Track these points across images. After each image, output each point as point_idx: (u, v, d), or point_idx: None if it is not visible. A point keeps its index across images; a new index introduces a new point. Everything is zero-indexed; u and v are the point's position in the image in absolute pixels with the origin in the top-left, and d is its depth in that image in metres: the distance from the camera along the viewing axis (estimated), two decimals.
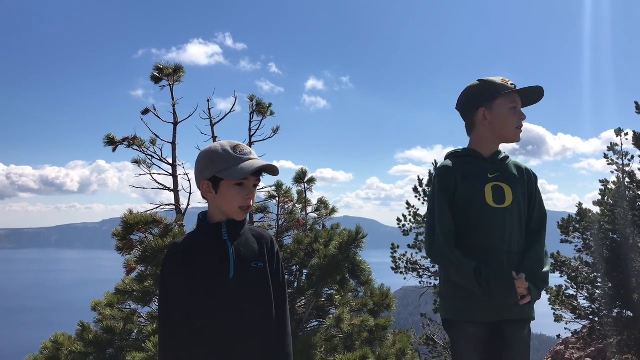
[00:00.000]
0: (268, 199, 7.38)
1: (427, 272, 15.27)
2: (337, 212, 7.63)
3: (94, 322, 6.25)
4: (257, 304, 2.20)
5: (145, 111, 7.15)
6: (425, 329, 14.11)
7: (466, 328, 2.68)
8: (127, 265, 5.99)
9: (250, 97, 7.84)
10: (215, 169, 2.14)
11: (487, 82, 2.79)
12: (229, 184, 2.15)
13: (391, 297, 6.62)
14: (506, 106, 2.75)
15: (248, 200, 2.18)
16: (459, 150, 2.90)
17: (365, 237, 6.29)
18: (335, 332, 5.94)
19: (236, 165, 2.11)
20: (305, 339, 5.60)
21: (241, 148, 2.17)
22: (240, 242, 2.23)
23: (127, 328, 6.11)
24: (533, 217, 2.80)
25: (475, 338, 2.67)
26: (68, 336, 6.12)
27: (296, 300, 6.45)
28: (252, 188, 2.20)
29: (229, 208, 2.19)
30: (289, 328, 2.32)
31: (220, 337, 2.12)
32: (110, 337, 5.97)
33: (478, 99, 2.81)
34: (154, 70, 7.22)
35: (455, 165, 2.78)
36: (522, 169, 2.85)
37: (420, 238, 15.42)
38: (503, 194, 2.71)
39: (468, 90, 2.87)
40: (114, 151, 6.94)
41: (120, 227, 5.83)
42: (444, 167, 2.79)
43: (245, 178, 2.14)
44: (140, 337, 5.98)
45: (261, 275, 2.23)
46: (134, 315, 6.32)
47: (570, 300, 12.11)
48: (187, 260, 2.14)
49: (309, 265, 6.38)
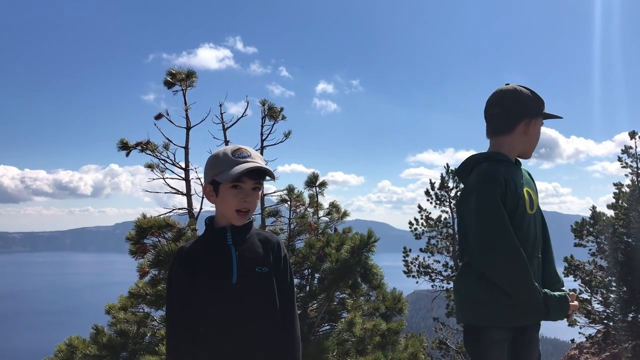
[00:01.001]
0: (280, 203, 7.40)
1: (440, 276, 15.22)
2: (349, 215, 7.63)
3: (107, 326, 6.29)
4: (260, 308, 2.19)
5: (158, 116, 7.20)
6: (437, 332, 14.04)
7: (499, 333, 2.63)
8: (141, 268, 6.03)
9: (262, 102, 7.88)
10: (214, 173, 2.17)
11: (536, 94, 2.76)
12: (226, 186, 2.16)
13: (403, 301, 6.61)
14: (540, 126, 2.78)
15: (245, 203, 2.17)
16: (496, 154, 2.77)
17: (377, 241, 6.27)
18: (347, 336, 5.94)
19: (231, 167, 2.12)
20: (317, 343, 5.60)
21: (241, 151, 2.17)
22: (245, 246, 2.23)
23: (140, 331, 6.14)
24: (543, 222, 2.83)
25: (505, 343, 2.65)
26: (82, 339, 6.16)
27: (308, 304, 6.45)
28: (251, 191, 2.18)
29: (226, 211, 2.20)
30: (298, 332, 2.30)
31: (223, 342, 2.13)
32: (123, 340, 6.01)
33: (527, 109, 2.75)
34: (167, 76, 7.27)
35: (501, 169, 2.68)
36: (530, 174, 2.87)
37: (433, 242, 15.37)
38: (532, 200, 2.70)
39: (519, 95, 2.76)
40: (127, 156, 6.99)
41: (134, 231, 5.87)
42: (494, 172, 2.65)
43: (241, 180, 2.14)
44: (153, 340, 6.01)
45: (265, 280, 2.22)
46: (147, 318, 6.36)
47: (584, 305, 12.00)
48: (192, 265, 2.16)
49: (320, 269, 6.38)
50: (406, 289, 8.10)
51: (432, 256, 15.46)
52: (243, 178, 2.15)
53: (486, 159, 2.73)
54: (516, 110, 2.74)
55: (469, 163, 2.81)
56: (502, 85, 2.84)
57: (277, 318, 2.23)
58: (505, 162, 2.72)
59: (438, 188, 15.47)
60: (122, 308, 6.35)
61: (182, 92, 7.33)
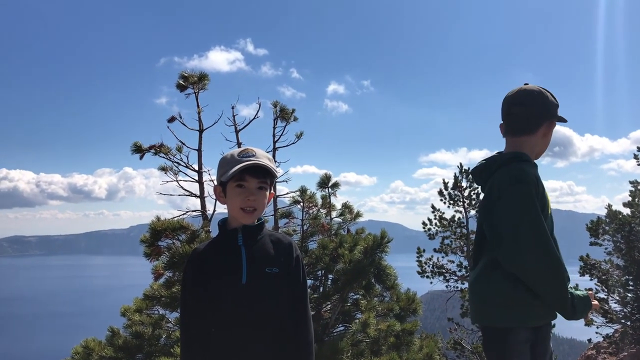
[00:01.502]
0: (292, 204, 7.41)
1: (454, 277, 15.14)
2: (362, 216, 7.62)
3: (123, 328, 6.33)
4: (269, 309, 2.20)
5: (171, 119, 7.25)
6: (452, 333, 13.97)
7: (525, 334, 2.61)
8: (155, 271, 6.06)
9: (274, 104, 7.90)
10: (221, 174, 2.22)
11: (554, 97, 2.78)
12: (231, 186, 2.20)
13: (417, 301, 6.59)
14: (551, 128, 2.79)
15: (249, 201, 2.19)
16: (522, 154, 2.74)
17: (390, 241, 6.26)
18: (361, 337, 5.92)
19: (233, 167, 2.15)
20: (331, 344, 5.60)
21: (246, 151, 2.21)
22: (256, 247, 2.25)
23: (155, 333, 6.18)
24: None
25: (529, 343, 2.64)
26: (98, 341, 6.21)
27: (322, 305, 6.45)
28: (256, 190, 2.21)
29: (232, 210, 2.24)
30: (311, 333, 2.30)
31: (234, 342, 2.15)
32: (139, 342, 6.05)
33: (550, 111, 2.75)
34: (180, 79, 7.31)
35: (530, 169, 2.66)
36: None
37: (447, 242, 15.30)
38: (549, 201, 2.70)
39: (544, 96, 2.75)
40: (141, 159, 7.04)
41: (148, 234, 5.91)
42: (528, 172, 2.62)
43: (244, 179, 2.18)
44: (168, 342, 6.05)
45: (275, 280, 2.23)
46: (162, 320, 6.39)
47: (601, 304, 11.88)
48: (204, 266, 2.20)
49: (334, 270, 6.37)
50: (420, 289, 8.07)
51: (446, 256, 15.38)
52: (246, 177, 2.18)
53: (514, 159, 2.69)
54: (540, 112, 2.73)
55: (492, 162, 2.77)
56: (522, 85, 2.81)
57: (287, 318, 2.23)
58: (530, 162, 2.71)
59: (451, 188, 15.39)
60: (137, 310, 6.39)
61: (194, 95, 7.38)
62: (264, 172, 2.20)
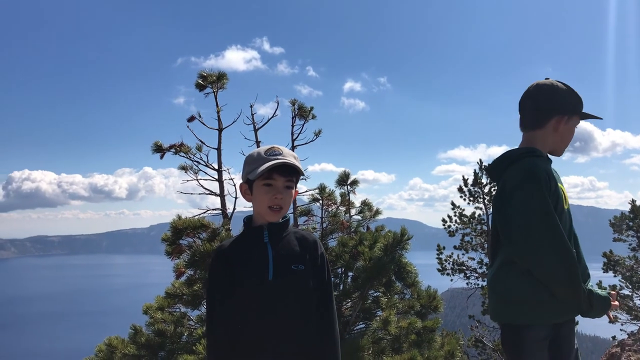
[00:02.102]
0: (312, 202, 7.41)
1: (475, 274, 15.03)
2: (381, 213, 7.59)
3: (145, 326, 6.40)
4: (296, 306, 2.20)
5: (190, 118, 7.29)
6: (473, 330, 13.88)
7: (541, 331, 2.60)
8: (177, 269, 6.11)
9: (292, 102, 7.90)
10: (247, 171, 2.23)
11: (574, 93, 2.74)
12: (258, 184, 2.21)
13: (438, 298, 6.55)
14: (575, 126, 2.77)
15: (276, 200, 2.20)
16: (534, 150, 2.73)
17: (410, 239, 6.23)
18: (382, 334, 5.91)
19: (261, 165, 2.16)
20: (352, 342, 5.60)
21: (273, 150, 2.21)
22: (282, 244, 2.26)
23: (177, 331, 6.23)
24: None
25: (546, 341, 2.63)
26: (121, 339, 6.28)
27: (342, 302, 6.45)
28: (283, 189, 2.22)
29: (259, 208, 2.24)
30: (337, 331, 2.31)
31: (261, 339, 2.16)
32: (161, 340, 6.11)
33: (560, 105, 2.72)
34: (198, 78, 7.35)
35: (542, 165, 2.65)
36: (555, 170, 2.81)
37: (467, 239, 15.20)
38: (565, 196, 2.68)
39: (555, 90, 2.73)
40: (161, 158, 7.10)
41: (169, 232, 5.96)
42: (540, 168, 2.62)
43: (272, 178, 2.18)
44: (190, 339, 6.09)
45: (301, 277, 2.24)
46: (184, 318, 6.44)
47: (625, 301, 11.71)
48: (229, 263, 2.21)
49: (354, 268, 6.37)
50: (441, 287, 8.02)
51: (466, 253, 15.28)
52: (274, 175, 2.19)
53: (527, 154, 2.69)
54: (548, 106, 2.71)
55: (505, 158, 2.76)
56: (541, 80, 2.79)
57: (313, 315, 2.24)
58: (543, 157, 2.71)
59: (471, 184, 15.28)
60: (159, 308, 6.45)
61: (213, 94, 7.41)
62: (292, 170, 2.21)
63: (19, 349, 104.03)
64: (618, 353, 12.90)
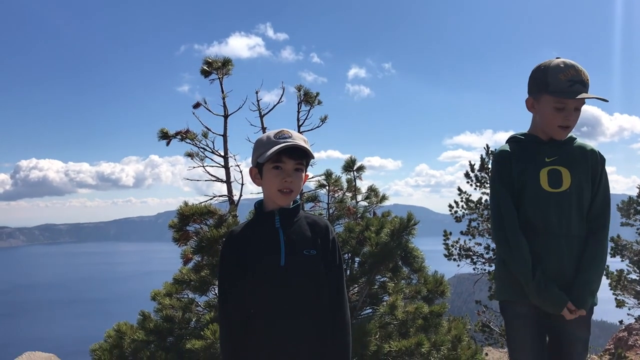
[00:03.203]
0: (318, 188, 7.41)
1: (481, 259, 15.03)
2: (387, 199, 7.59)
3: (154, 312, 6.44)
4: (308, 291, 2.21)
5: (196, 105, 7.29)
6: (480, 315, 13.91)
7: (522, 308, 2.68)
8: (184, 255, 6.14)
9: (298, 87, 7.87)
10: (257, 155, 2.23)
11: (542, 70, 2.68)
12: (268, 167, 2.21)
13: (445, 283, 6.56)
14: (550, 105, 2.66)
15: (286, 183, 2.20)
16: (518, 135, 2.84)
17: (417, 224, 6.22)
18: (389, 319, 5.94)
19: (270, 148, 2.16)
20: (359, 327, 5.62)
21: (282, 133, 2.21)
22: (293, 229, 2.26)
23: (185, 317, 6.27)
24: (595, 201, 2.69)
25: (529, 319, 2.65)
26: (130, 325, 6.33)
27: (349, 288, 6.47)
28: (292, 172, 2.21)
29: (269, 192, 2.25)
30: (348, 315, 2.32)
31: (272, 323, 2.17)
32: (169, 325, 6.15)
33: (531, 86, 2.76)
34: (204, 64, 7.33)
35: (511, 149, 2.75)
36: (587, 151, 2.73)
37: (474, 224, 15.18)
38: (560, 178, 2.65)
39: (535, 70, 2.75)
40: (167, 145, 7.11)
41: (177, 219, 5.98)
42: (500, 152, 2.77)
43: (281, 161, 2.18)
44: (198, 325, 6.13)
45: (313, 262, 2.24)
46: (192, 304, 6.48)
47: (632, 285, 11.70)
48: (241, 249, 2.22)
49: (360, 253, 6.38)
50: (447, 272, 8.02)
51: (473, 239, 15.26)
52: (283, 158, 2.18)
53: (507, 141, 2.85)
54: (529, 86, 2.79)
55: None
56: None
57: (325, 300, 2.25)
58: (524, 141, 2.77)
59: (478, 170, 15.22)
60: (167, 294, 6.48)
61: (218, 80, 7.39)
62: (301, 153, 2.21)
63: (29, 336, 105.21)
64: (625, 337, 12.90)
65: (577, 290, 2.57)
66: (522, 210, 2.66)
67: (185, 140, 7.05)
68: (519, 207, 2.67)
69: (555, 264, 2.60)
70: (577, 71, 2.61)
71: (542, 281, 2.54)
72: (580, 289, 2.58)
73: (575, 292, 2.57)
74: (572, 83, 2.59)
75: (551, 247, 2.61)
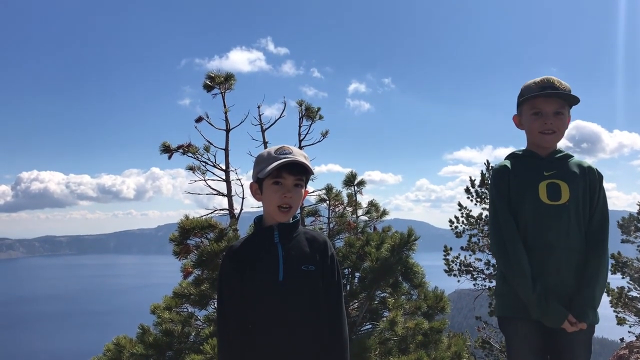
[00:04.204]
0: (319, 203, 7.42)
1: (482, 275, 14.98)
2: (388, 214, 7.59)
3: (153, 325, 6.42)
4: (306, 306, 2.22)
5: (198, 119, 7.33)
6: (480, 332, 13.84)
7: (518, 325, 2.67)
8: (184, 269, 6.13)
9: (299, 102, 7.91)
10: (257, 170, 2.26)
11: (522, 87, 2.80)
12: (268, 183, 2.23)
13: (445, 299, 6.54)
14: (528, 112, 2.76)
15: (285, 199, 2.22)
16: (517, 151, 2.88)
17: (417, 239, 6.22)
18: (389, 335, 5.91)
19: (270, 164, 2.19)
20: (359, 342, 5.60)
21: (283, 149, 2.24)
22: (292, 245, 2.28)
23: (185, 331, 6.25)
24: (594, 217, 2.71)
25: (530, 336, 2.65)
26: (129, 339, 6.31)
27: (349, 303, 6.45)
28: (292, 187, 2.24)
29: (269, 207, 2.27)
30: (345, 332, 2.32)
31: (270, 339, 2.18)
32: (169, 339, 6.12)
33: (517, 105, 2.86)
34: (206, 79, 7.38)
35: (510, 165, 2.79)
36: (585, 167, 2.76)
37: (474, 240, 15.17)
38: (559, 191, 2.66)
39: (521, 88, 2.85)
40: (169, 158, 7.14)
41: (177, 232, 5.98)
42: (498, 168, 2.82)
43: (281, 176, 2.21)
44: (197, 339, 6.11)
45: (311, 278, 2.25)
46: (192, 318, 6.46)
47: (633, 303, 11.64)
48: (240, 263, 2.23)
49: (361, 268, 6.37)
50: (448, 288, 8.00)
51: (473, 254, 15.23)
52: (283, 174, 2.21)
53: (506, 157, 2.89)
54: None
55: None
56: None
57: (323, 316, 2.26)
58: (522, 157, 2.82)
59: (478, 185, 15.23)
60: (167, 308, 6.47)
61: (221, 94, 7.44)
62: (301, 169, 2.24)
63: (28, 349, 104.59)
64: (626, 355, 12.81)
65: (579, 305, 2.57)
66: (521, 223, 2.68)
67: (187, 154, 7.08)
68: (519, 221, 2.68)
69: (554, 277, 2.61)
70: (550, 80, 2.69)
71: (543, 294, 2.54)
72: (582, 304, 2.58)
73: (577, 306, 2.57)
74: (543, 88, 2.68)
75: (551, 261, 2.62)
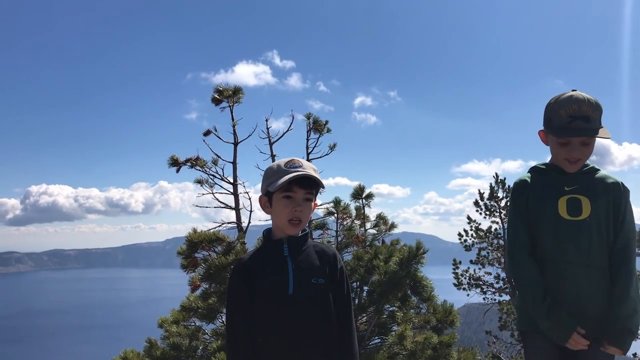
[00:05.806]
0: (327, 216, 7.41)
1: (491, 289, 14.86)
2: (396, 227, 7.56)
3: (160, 339, 6.40)
4: (316, 320, 2.20)
5: (207, 132, 7.36)
6: (490, 346, 13.69)
7: (536, 340, 2.64)
8: (192, 282, 6.12)
9: (307, 115, 7.93)
10: (267, 184, 2.24)
11: (549, 106, 2.68)
12: (278, 197, 2.21)
13: (454, 313, 6.48)
14: (555, 141, 2.67)
15: (296, 213, 2.20)
16: (540, 165, 2.81)
17: (426, 252, 6.18)
18: (398, 349, 5.86)
19: (281, 177, 2.17)
20: (367, 356, 5.55)
21: (293, 162, 2.22)
22: (302, 258, 2.26)
23: (192, 345, 6.22)
24: (620, 234, 2.61)
25: (545, 350, 2.61)
26: (137, 352, 6.29)
27: (357, 317, 6.41)
28: (302, 201, 2.22)
29: (279, 221, 2.25)
30: (355, 345, 2.30)
31: (280, 353, 2.15)
32: (176, 353, 6.10)
33: (543, 120, 2.74)
34: (215, 93, 7.42)
35: (531, 179, 2.74)
36: (609, 183, 2.66)
37: (483, 253, 15.08)
38: (579, 206, 2.59)
39: (547, 105, 2.73)
40: (177, 172, 7.16)
41: (185, 246, 5.98)
42: (518, 181, 2.79)
43: (291, 190, 2.19)
44: (205, 353, 6.08)
45: (321, 291, 2.24)
46: (199, 332, 6.44)
47: None
48: (249, 277, 2.21)
49: (369, 282, 6.33)
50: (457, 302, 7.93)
51: (482, 268, 15.13)
52: (294, 188, 2.19)
53: (528, 171, 2.86)
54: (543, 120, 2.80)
55: None
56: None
57: (333, 329, 2.24)
58: (541, 171, 2.78)
59: (487, 198, 15.16)
60: (175, 322, 6.45)
61: (229, 108, 7.47)
62: (311, 182, 2.22)
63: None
64: None
65: (614, 328, 2.48)
66: (540, 238, 2.62)
67: (195, 167, 7.10)
68: (538, 236, 2.63)
69: (570, 292, 2.54)
70: (580, 106, 2.55)
71: (551, 305, 2.49)
72: (615, 326, 2.48)
73: (611, 329, 2.49)
74: (572, 119, 2.55)
75: (567, 276, 2.55)
